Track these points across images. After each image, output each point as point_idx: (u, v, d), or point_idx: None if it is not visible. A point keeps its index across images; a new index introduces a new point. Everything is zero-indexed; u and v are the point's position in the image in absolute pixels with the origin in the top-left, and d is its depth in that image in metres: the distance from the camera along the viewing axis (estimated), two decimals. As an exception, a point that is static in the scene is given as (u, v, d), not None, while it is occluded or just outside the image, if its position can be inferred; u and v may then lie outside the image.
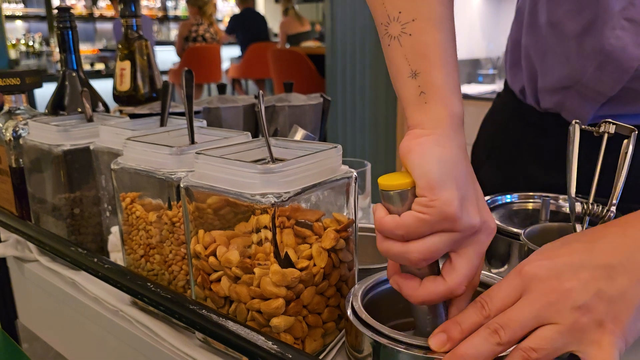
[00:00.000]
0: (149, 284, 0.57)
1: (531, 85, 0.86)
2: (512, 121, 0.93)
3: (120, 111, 1.05)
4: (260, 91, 0.57)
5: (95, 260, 0.64)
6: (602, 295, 0.39)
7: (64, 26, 0.99)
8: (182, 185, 0.54)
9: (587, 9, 0.71)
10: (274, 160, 0.55)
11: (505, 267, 0.68)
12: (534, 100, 0.86)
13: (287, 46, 5.51)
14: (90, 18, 6.98)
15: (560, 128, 0.80)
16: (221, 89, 1.09)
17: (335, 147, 0.55)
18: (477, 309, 0.41)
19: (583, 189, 0.59)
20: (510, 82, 0.94)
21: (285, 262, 0.50)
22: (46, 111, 1.03)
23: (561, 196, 0.75)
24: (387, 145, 2.97)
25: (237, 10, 6.56)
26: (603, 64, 0.71)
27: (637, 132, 0.57)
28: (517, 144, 0.93)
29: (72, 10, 1.00)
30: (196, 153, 0.53)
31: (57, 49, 1.00)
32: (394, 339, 0.42)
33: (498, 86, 2.89)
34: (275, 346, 0.45)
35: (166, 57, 6.20)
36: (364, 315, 0.46)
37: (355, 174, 0.55)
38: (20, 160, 0.90)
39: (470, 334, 0.40)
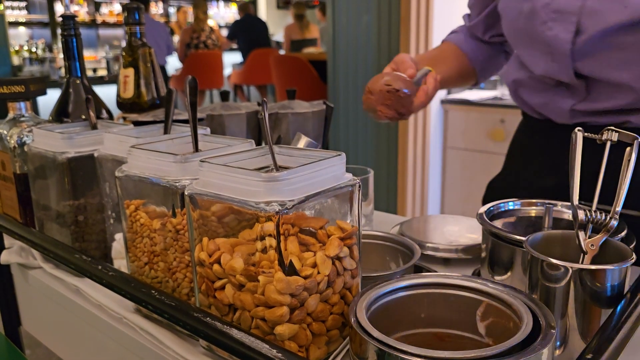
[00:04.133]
0: (153, 291, 0.57)
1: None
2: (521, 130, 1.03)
3: (124, 118, 1.05)
4: (264, 99, 0.57)
5: (100, 267, 0.64)
6: None
7: (68, 34, 0.99)
8: (186, 193, 0.54)
9: (510, 14, 0.86)
10: (278, 168, 0.55)
11: (509, 274, 0.68)
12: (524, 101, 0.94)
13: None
14: (93, 24, 7.01)
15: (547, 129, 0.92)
16: (224, 96, 1.09)
17: (339, 155, 0.55)
18: None
19: (585, 196, 0.59)
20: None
21: (290, 270, 0.50)
22: (50, 118, 1.03)
23: (564, 203, 0.76)
24: (389, 152, 2.97)
25: (238, 16, 6.59)
26: (550, 54, 0.82)
27: (639, 140, 0.57)
28: (522, 152, 1.00)
29: (75, 17, 1.01)
30: (200, 161, 0.54)
31: (60, 55, 1.01)
32: (397, 349, 0.43)
33: (500, 92, 2.90)
34: (279, 354, 0.45)
35: (170, 63, 6.21)
36: (368, 326, 0.46)
37: (359, 182, 0.56)
38: (25, 167, 0.90)
39: None
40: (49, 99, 1.15)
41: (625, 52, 0.76)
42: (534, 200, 0.77)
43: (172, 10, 8.08)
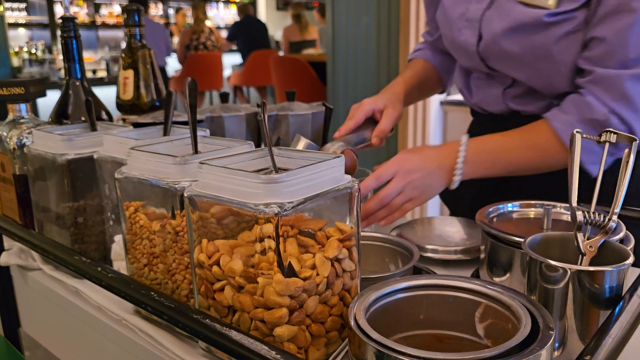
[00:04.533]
0: (152, 293, 0.57)
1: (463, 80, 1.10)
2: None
3: (124, 120, 1.05)
4: (264, 101, 0.57)
5: (99, 269, 0.64)
6: None
7: (68, 36, 0.99)
8: (185, 195, 0.54)
9: (441, 23, 1.01)
10: (277, 170, 0.55)
11: (507, 275, 0.68)
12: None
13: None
14: (92, 26, 7.01)
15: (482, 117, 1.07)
16: (224, 97, 1.09)
17: (338, 157, 0.55)
18: None
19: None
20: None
21: (289, 271, 0.50)
22: (50, 120, 1.03)
23: (563, 205, 0.76)
24: (388, 153, 2.97)
25: (238, 18, 6.59)
26: (466, 54, 0.97)
27: (637, 142, 0.57)
28: None
29: (75, 19, 1.01)
30: (200, 163, 0.54)
31: (60, 57, 1.02)
32: (396, 351, 0.43)
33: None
34: (278, 356, 0.45)
35: (170, 64, 6.21)
36: (367, 327, 0.46)
37: (357, 183, 0.56)
38: (24, 168, 0.90)
39: None
40: (49, 100, 1.15)
41: (516, 56, 0.89)
42: (532, 202, 0.77)
43: (171, 11, 8.09)
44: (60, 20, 1.00)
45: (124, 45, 1.08)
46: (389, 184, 0.84)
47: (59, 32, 1.02)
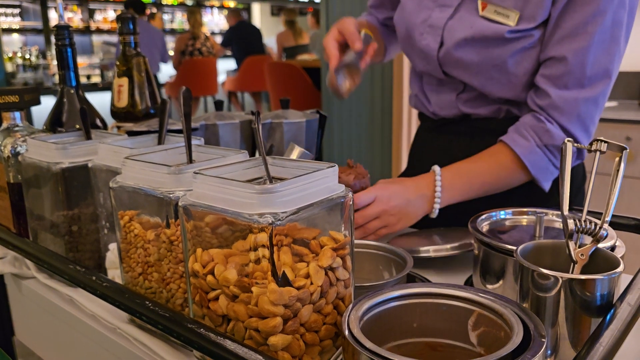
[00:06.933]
0: (147, 302, 0.57)
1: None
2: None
3: (118, 127, 1.05)
4: (258, 110, 0.58)
5: (94, 278, 0.64)
6: None
7: (62, 44, 0.99)
8: (180, 205, 0.55)
9: (400, 25, 1.05)
10: (272, 179, 0.56)
11: (500, 282, 0.69)
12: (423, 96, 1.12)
13: (283, 59, 5.54)
14: (86, 31, 7.00)
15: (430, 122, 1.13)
16: (218, 105, 1.10)
17: (332, 166, 0.55)
18: None
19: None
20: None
21: (283, 280, 0.50)
22: (44, 128, 1.03)
23: (555, 212, 0.76)
24: (382, 159, 2.98)
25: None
26: (425, 58, 1.01)
27: (627, 150, 0.58)
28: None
29: (70, 27, 1.01)
30: (194, 173, 0.54)
31: (54, 62, 1.02)
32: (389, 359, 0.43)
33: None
34: (273, 365, 0.45)
35: (163, 70, 6.21)
36: (361, 336, 0.46)
37: (351, 192, 0.56)
38: (19, 177, 0.90)
39: None
40: (43, 106, 1.15)
41: (473, 64, 0.95)
42: (525, 209, 0.78)
43: (166, 17, 8.09)
44: (54, 28, 1.00)
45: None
46: (368, 207, 0.86)
47: (53, 38, 1.02)
